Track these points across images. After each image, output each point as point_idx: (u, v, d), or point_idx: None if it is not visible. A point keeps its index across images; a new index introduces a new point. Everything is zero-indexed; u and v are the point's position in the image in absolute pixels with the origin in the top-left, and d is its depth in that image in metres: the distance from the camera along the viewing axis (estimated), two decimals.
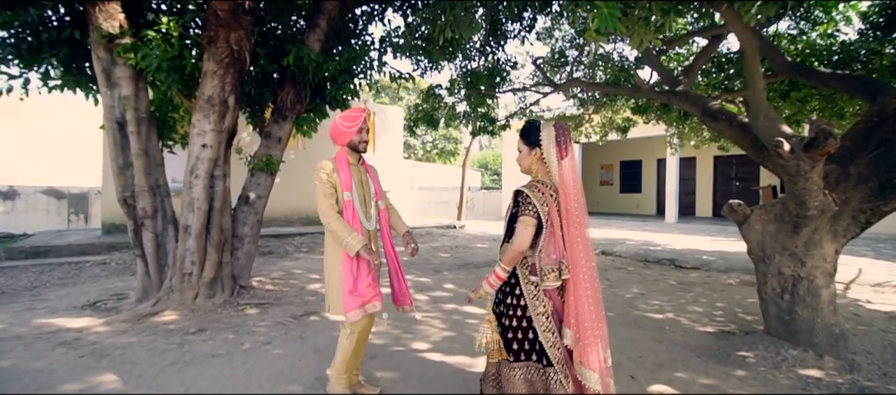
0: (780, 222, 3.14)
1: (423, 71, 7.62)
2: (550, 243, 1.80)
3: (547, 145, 1.84)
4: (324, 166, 2.19)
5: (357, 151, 2.31)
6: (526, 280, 1.84)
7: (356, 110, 2.26)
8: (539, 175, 1.90)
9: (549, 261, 1.78)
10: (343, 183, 2.18)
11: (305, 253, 7.32)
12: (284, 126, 4.92)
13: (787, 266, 3.17)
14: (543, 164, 1.86)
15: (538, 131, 1.87)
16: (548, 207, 1.79)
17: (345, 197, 2.17)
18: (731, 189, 14.00)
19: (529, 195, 1.80)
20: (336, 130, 2.24)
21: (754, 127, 3.01)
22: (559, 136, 1.83)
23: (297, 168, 10.41)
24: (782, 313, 3.23)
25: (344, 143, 2.26)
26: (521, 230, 1.78)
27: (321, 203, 2.16)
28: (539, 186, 1.82)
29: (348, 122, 2.23)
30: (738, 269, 6.15)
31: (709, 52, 5.53)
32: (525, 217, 1.78)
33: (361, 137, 2.28)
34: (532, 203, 1.78)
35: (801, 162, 2.67)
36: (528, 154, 1.92)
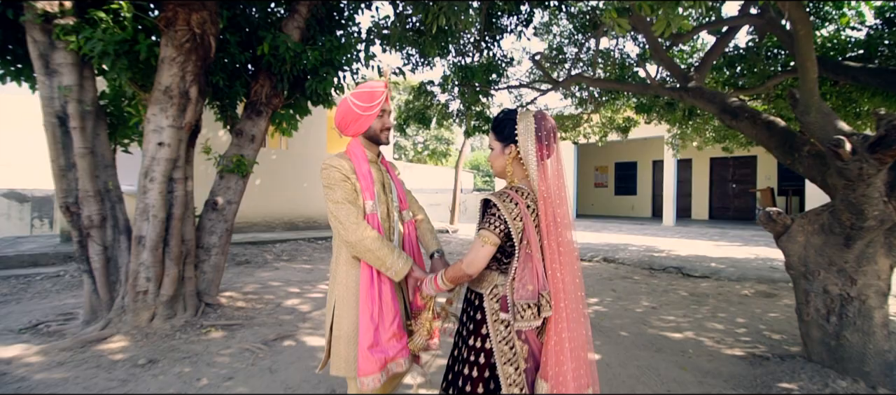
0: (828, 234, 2.72)
1: (415, 66, 7.15)
2: (527, 269, 1.39)
3: (524, 141, 1.41)
4: (338, 164, 1.58)
5: (377, 143, 1.71)
6: (494, 318, 1.42)
7: (374, 86, 1.65)
8: (516, 180, 1.49)
9: (525, 294, 1.37)
10: (365, 188, 1.59)
11: (286, 262, 6.77)
12: (259, 123, 4.39)
13: (835, 284, 2.75)
14: (521, 165, 1.46)
15: (513, 124, 1.45)
16: (523, 222, 1.38)
17: (367, 208, 1.58)
18: (728, 191, 13.76)
19: (497, 206, 1.39)
20: (347, 114, 1.63)
21: (804, 123, 2.60)
22: (540, 129, 1.41)
23: (279, 169, 9.84)
24: (828, 338, 2.81)
25: (360, 131, 1.66)
26: (476, 249, 1.38)
27: (342, 213, 1.52)
28: (513, 195, 1.40)
29: (365, 101, 1.62)
30: (750, 278, 5.77)
31: (721, 46, 5.15)
32: (485, 233, 1.38)
33: (384, 122, 1.68)
34: (499, 216, 1.38)
35: (864, 164, 2.24)
36: (501, 153, 1.49)
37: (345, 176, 1.58)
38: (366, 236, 1.51)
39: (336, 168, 1.58)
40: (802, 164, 3.49)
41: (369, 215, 1.59)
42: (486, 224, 1.39)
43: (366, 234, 1.52)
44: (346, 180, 1.58)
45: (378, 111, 1.65)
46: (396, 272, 1.54)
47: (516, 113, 1.46)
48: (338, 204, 1.54)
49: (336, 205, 1.55)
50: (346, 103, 1.65)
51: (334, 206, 1.55)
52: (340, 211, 1.54)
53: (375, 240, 1.52)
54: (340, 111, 1.66)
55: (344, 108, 1.65)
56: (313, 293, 4.90)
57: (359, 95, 1.64)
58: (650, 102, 6.49)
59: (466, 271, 1.40)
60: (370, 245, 1.51)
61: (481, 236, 1.39)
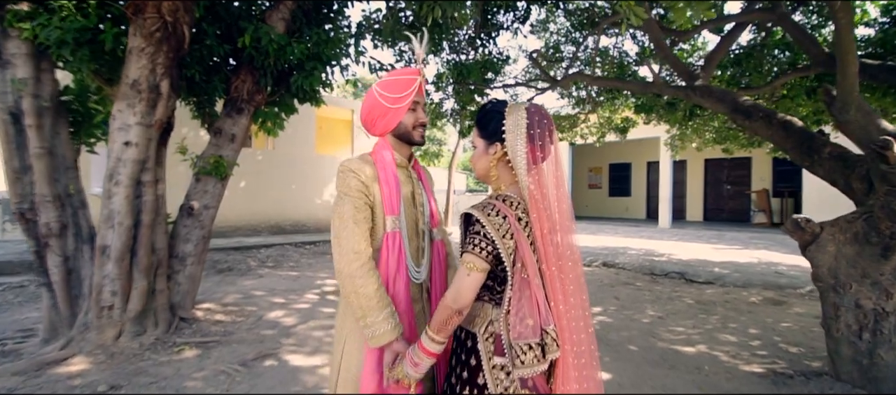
0: (863, 244, 2.49)
1: (407, 63, 6.89)
2: (523, 299, 1.12)
3: (513, 140, 1.15)
4: (358, 168, 1.29)
5: (410, 143, 1.41)
6: (490, 363, 1.14)
7: (405, 73, 1.35)
8: (502, 185, 1.23)
9: (524, 331, 1.10)
10: (387, 200, 1.30)
11: (271, 269, 6.43)
12: (239, 121, 4.06)
13: (868, 298, 2.53)
14: (509, 168, 1.19)
15: (501, 117, 1.18)
16: (515, 239, 1.12)
17: (387, 226, 1.29)
18: (723, 193, 13.68)
19: (480, 221, 1.12)
20: (374, 108, 1.34)
21: (843, 121, 2.37)
22: (533, 126, 1.15)
23: (265, 170, 9.48)
24: (859, 356, 2.58)
25: (388, 129, 1.36)
26: (460, 278, 1.11)
27: (344, 234, 1.24)
28: (499, 206, 1.14)
29: (394, 91, 1.32)
30: (756, 284, 5.58)
31: (728, 43, 4.94)
32: (469, 258, 1.11)
33: (417, 117, 1.38)
34: (484, 235, 1.11)
35: None
36: (485, 152, 1.23)
37: (363, 185, 1.28)
38: (358, 275, 1.22)
39: (354, 173, 1.28)
40: (823, 166, 3.27)
41: (389, 234, 1.30)
42: (469, 246, 1.12)
43: (356, 266, 1.22)
44: (364, 191, 1.29)
45: (410, 104, 1.34)
46: (373, 336, 1.20)
47: (505, 105, 1.20)
48: (343, 221, 1.25)
49: (341, 222, 1.25)
50: (371, 95, 1.36)
51: (339, 222, 1.25)
52: (343, 230, 1.24)
53: (365, 277, 1.22)
54: (366, 105, 1.37)
55: (370, 100, 1.36)
56: (299, 304, 4.59)
57: (387, 84, 1.34)
58: (651, 102, 6.28)
59: (453, 307, 1.10)
60: (359, 287, 1.21)
61: (465, 261, 1.11)
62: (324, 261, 7.13)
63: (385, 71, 6.28)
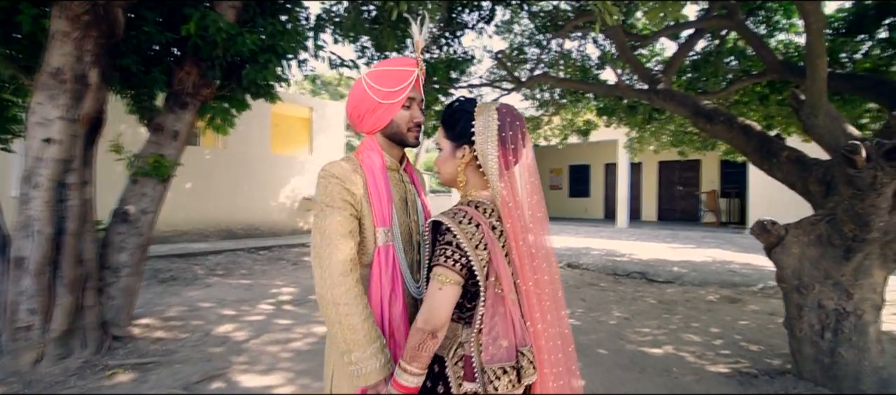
0: (826, 246, 2.55)
1: (370, 59, 6.64)
2: (497, 317, 1.03)
3: (483, 143, 1.07)
4: (342, 173, 1.12)
5: (402, 145, 1.24)
6: (460, 390, 1.04)
7: (400, 63, 1.18)
8: (472, 192, 1.12)
9: (497, 353, 1.01)
10: (377, 209, 1.14)
11: (220, 277, 5.97)
12: (183, 117, 3.69)
13: (830, 298, 2.59)
14: (479, 173, 1.10)
15: (469, 117, 1.09)
16: (489, 250, 1.02)
17: (379, 239, 1.13)
18: (675, 194, 14.31)
19: (451, 230, 1.01)
20: (361, 101, 1.17)
21: (811, 126, 2.40)
22: (505, 128, 1.07)
23: (214, 171, 8.89)
24: (822, 355, 2.64)
25: (378, 126, 1.19)
26: (433, 295, 0.99)
27: (328, 249, 1.06)
28: (471, 213, 1.04)
29: (386, 84, 1.15)
30: (712, 282, 5.77)
31: (688, 49, 5.07)
32: (440, 271, 1.00)
33: (412, 115, 1.20)
34: (456, 245, 1.00)
35: (879, 173, 2.05)
36: (452, 155, 1.13)
37: (349, 193, 1.10)
38: (343, 301, 1.03)
39: (338, 180, 1.10)
40: (781, 169, 3.36)
41: (381, 248, 1.13)
42: (439, 258, 1.00)
43: (344, 298, 1.04)
44: (350, 201, 1.11)
45: (404, 100, 1.16)
46: (359, 375, 1.03)
47: (474, 104, 1.12)
48: (325, 237, 1.06)
49: (322, 238, 1.07)
50: (359, 87, 1.18)
51: (320, 238, 1.07)
52: (325, 248, 1.06)
53: (352, 304, 1.04)
54: (353, 97, 1.19)
55: (357, 92, 1.18)
56: (252, 315, 4.25)
57: (378, 75, 1.16)
58: (613, 105, 6.38)
59: (426, 328, 0.97)
60: (344, 316, 1.03)
61: (436, 275, 1.00)
62: (279, 267, 6.73)
63: (346, 67, 6.01)
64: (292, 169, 10.34)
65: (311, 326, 3.98)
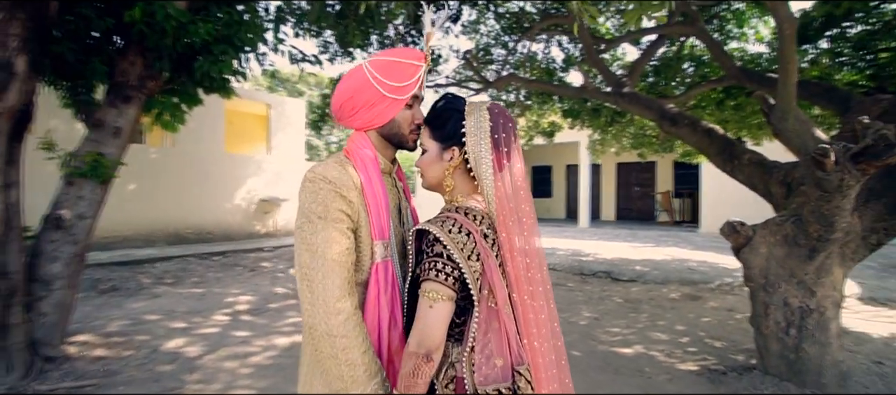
0: (792, 246, 2.63)
1: (333, 56, 6.39)
2: (491, 333, 0.96)
3: (475, 145, 1.00)
4: (336, 176, 0.97)
5: (399, 147, 1.12)
6: None
7: (409, 55, 1.04)
8: (459, 197, 1.05)
9: (491, 373, 0.94)
10: (375, 219, 1.00)
11: (169, 286, 5.53)
12: (126, 112, 3.35)
13: (795, 297, 2.68)
14: (468, 177, 1.04)
15: (460, 117, 1.03)
16: (483, 260, 0.95)
17: (377, 254, 1.00)
18: (632, 194, 14.87)
19: (441, 240, 0.93)
20: (361, 91, 1.02)
21: (781, 129, 2.47)
22: (498, 129, 1.01)
23: (162, 171, 8.28)
24: (787, 351, 2.73)
25: (375, 123, 1.05)
26: (423, 314, 0.91)
27: (321, 273, 0.92)
28: (462, 221, 0.97)
29: (395, 77, 1.01)
30: (673, 280, 5.97)
31: (651, 53, 5.21)
32: (431, 287, 0.91)
33: (415, 115, 1.08)
34: (447, 256, 0.93)
35: (846, 175, 2.12)
36: (439, 157, 1.05)
37: (344, 201, 0.95)
38: (341, 334, 0.89)
39: (332, 185, 0.95)
40: (743, 171, 3.49)
41: (380, 265, 0.99)
42: (429, 272, 0.92)
43: (341, 329, 0.89)
44: (346, 211, 0.96)
45: (411, 93, 1.04)
46: None
47: (463, 103, 1.05)
48: (317, 257, 0.91)
49: (313, 258, 0.91)
50: (360, 75, 1.03)
51: (310, 258, 0.91)
52: (318, 271, 0.91)
53: (352, 347, 0.90)
54: (349, 86, 1.03)
55: (357, 81, 1.03)
56: (206, 328, 3.93)
57: (384, 66, 1.02)
58: (578, 107, 6.48)
59: (420, 352, 0.88)
60: (341, 350, 0.89)
61: (426, 292, 0.91)
62: (234, 274, 6.34)
63: (307, 62, 5.73)
64: (248, 169, 9.82)
65: (273, 337, 3.73)
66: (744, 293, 5.32)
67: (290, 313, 4.43)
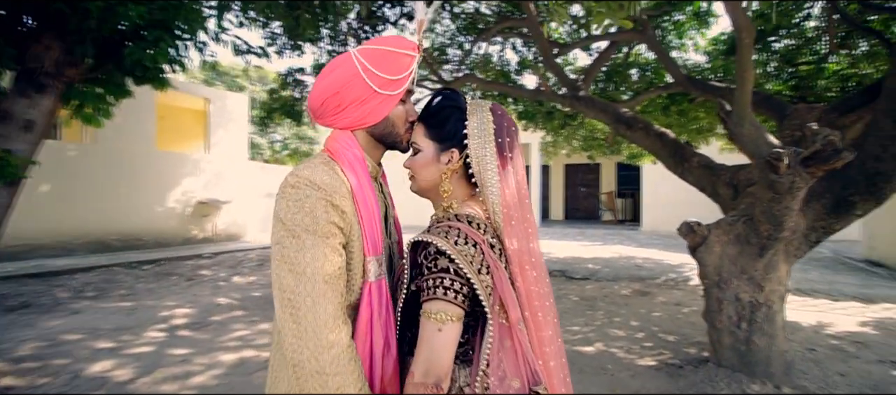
0: (744, 244, 2.77)
1: (281, 49, 6.03)
2: (504, 352, 0.87)
3: (479, 147, 0.93)
4: (325, 182, 0.83)
5: (392, 148, 1.00)
6: None
7: (402, 45, 0.93)
8: (455, 203, 0.97)
9: None
10: (370, 234, 0.88)
11: (91, 300, 4.93)
12: (40, 102, 2.91)
13: (746, 292, 2.83)
14: (465, 181, 0.97)
15: (461, 115, 0.95)
16: (492, 272, 0.86)
17: (370, 272, 0.87)
18: (578, 194, 15.49)
19: (447, 253, 0.83)
20: (350, 86, 0.89)
21: (737, 134, 2.58)
22: (501, 132, 0.95)
23: (81, 171, 7.43)
24: (738, 344, 2.88)
25: (366, 122, 0.93)
26: (431, 338, 0.81)
27: (309, 300, 0.78)
28: (467, 231, 0.87)
29: (389, 69, 0.90)
30: (624, 277, 6.21)
31: (605, 59, 5.37)
32: (438, 306, 0.82)
33: (409, 111, 0.98)
34: (456, 270, 0.83)
35: (797, 178, 2.25)
36: (435, 159, 0.97)
37: (336, 211, 0.82)
38: (333, 371, 0.76)
39: (321, 190, 0.82)
40: (693, 174, 3.66)
41: (373, 285, 0.87)
42: (435, 290, 0.82)
43: (333, 366, 0.76)
44: (336, 224, 0.82)
45: (404, 88, 0.93)
46: None
47: (462, 99, 0.99)
48: (304, 279, 0.78)
49: (298, 280, 0.78)
50: (349, 67, 0.90)
51: (294, 281, 0.78)
52: (305, 298, 0.77)
53: (346, 385, 0.78)
54: (337, 80, 0.90)
55: (344, 74, 0.89)
56: (136, 348, 3.51)
57: (376, 56, 0.90)
58: (534, 109, 6.58)
59: (429, 381, 0.80)
60: (334, 388, 0.76)
61: (430, 313, 0.81)
62: (169, 284, 5.79)
63: (254, 54, 5.37)
64: (184, 168, 9.05)
65: (217, 354, 3.40)
66: (688, 288, 5.66)
67: (237, 326, 4.09)
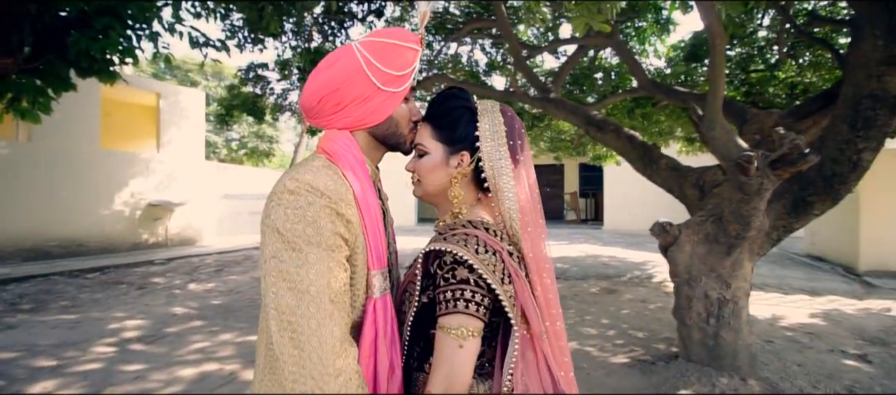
0: (712, 243, 2.87)
1: (241, 43, 5.74)
2: (529, 367, 0.84)
3: (492, 150, 0.89)
4: (329, 187, 0.75)
5: (394, 150, 0.93)
6: None
7: (405, 38, 0.86)
8: (464, 209, 0.92)
9: None
10: (375, 244, 0.80)
11: (28, 313, 4.48)
12: None
13: (714, 289, 2.93)
14: (472, 186, 0.93)
15: (473, 117, 0.91)
16: (513, 281, 0.83)
17: (374, 286, 0.80)
18: (543, 194, 15.69)
19: (468, 262, 0.78)
20: (351, 83, 0.82)
21: (709, 138, 2.66)
22: (512, 134, 0.92)
23: (13, 170, 6.78)
24: (707, 339, 2.98)
25: (368, 121, 0.85)
26: (452, 355, 0.76)
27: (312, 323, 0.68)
28: (485, 238, 0.83)
29: (394, 64, 0.83)
30: (591, 276, 6.35)
31: (574, 60, 5.46)
32: (462, 321, 0.77)
33: (411, 110, 0.91)
34: (476, 281, 0.78)
35: (765, 180, 2.34)
36: (444, 162, 0.91)
37: (342, 221, 0.75)
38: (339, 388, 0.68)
39: (325, 197, 0.74)
40: (660, 175, 3.77)
41: (377, 301, 0.79)
42: (455, 303, 0.77)
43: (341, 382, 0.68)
44: (342, 235, 0.74)
45: (408, 84, 0.87)
46: None
47: (474, 101, 0.95)
48: (306, 299, 0.69)
49: (300, 300, 0.69)
50: (351, 61, 0.82)
51: (295, 301, 0.69)
52: (309, 320, 0.68)
53: None
54: (336, 75, 0.81)
55: (347, 68, 0.81)
56: (83, 365, 3.21)
57: (380, 49, 0.82)
58: None
59: None
60: None
61: (449, 327, 0.76)
62: (118, 294, 5.37)
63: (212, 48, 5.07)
64: (132, 169, 8.44)
65: (175, 369, 3.16)
66: (652, 285, 5.86)
67: (196, 338, 3.83)
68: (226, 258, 8.14)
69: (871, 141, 2.34)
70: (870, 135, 2.32)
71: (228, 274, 6.63)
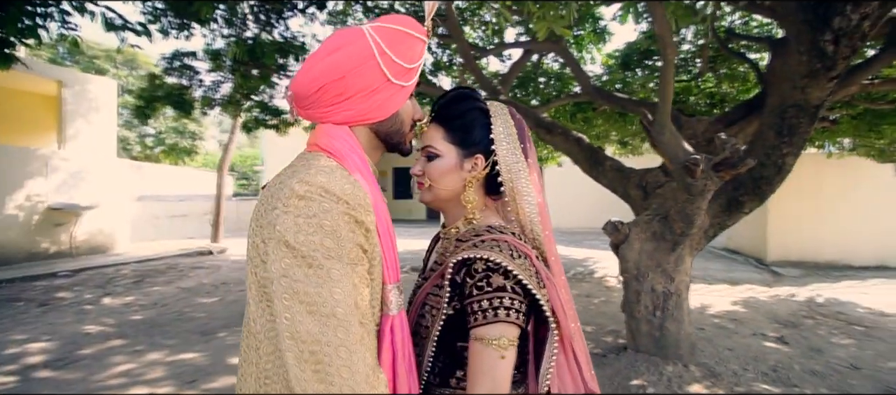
0: (660, 241, 3.05)
1: (164, 29, 5.20)
2: (564, 372, 0.84)
3: (507, 153, 0.88)
4: (345, 191, 0.64)
5: (394, 150, 0.86)
6: None
7: (414, 27, 0.78)
8: (477, 213, 0.90)
9: None
10: (390, 255, 0.72)
11: None
12: None
13: (660, 283, 3.12)
14: (483, 191, 0.92)
15: (487, 118, 0.89)
16: (546, 287, 0.81)
17: (390, 302, 0.71)
18: None
19: (507, 269, 0.75)
20: (359, 72, 0.72)
21: (659, 142, 2.81)
22: (523, 137, 0.92)
23: None
24: (654, 330, 3.17)
25: (372, 117, 0.76)
26: (494, 367, 0.72)
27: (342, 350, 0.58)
28: (514, 243, 0.80)
29: (406, 56, 0.75)
30: None
31: (522, 63, 5.58)
32: (502, 330, 0.73)
33: (415, 108, 0.84)
34: (513, 288, 0.76)
35: (709, 182, 2.52)
36: (458, 166, 0.88)
37: (362, 231, 0.66)
38: None
39: (343, 203, 0.65)
40: (606, 176, 3.96)
41: (396, 319, 0.71)
42: (494, 311, 0.73)
43: None
44: (363, 247, 0.66)
45: (415, 79, 0.81)
46: None
47: (485, 100, 0.93)
48: (330, 322, 0.59)
49: (325, 325, 0.59)
50: (362, 46, 0.73)
51: (318, 326, 0.59)
52: (337, 349, 0.59)
53: None
54: (343, 61, 0.72)
55: (357, 55, 0.72)
56: None
57: (392, 37, 0.74)
58: None
59: None
60: None
61: (492, 338, 0.72)
62: (15, 312, 4.63)
63: (132, 32, 4.55)
64: (28, 167, 7.31)
65: None
66: (594, 281, 6.16)
67: (117, 359, 3.39)
68: (146, 267, 7.34)
69: (795, 147, 2.61)
70: (793, 141, 2.59)
71: (150, 285, 5.98)
